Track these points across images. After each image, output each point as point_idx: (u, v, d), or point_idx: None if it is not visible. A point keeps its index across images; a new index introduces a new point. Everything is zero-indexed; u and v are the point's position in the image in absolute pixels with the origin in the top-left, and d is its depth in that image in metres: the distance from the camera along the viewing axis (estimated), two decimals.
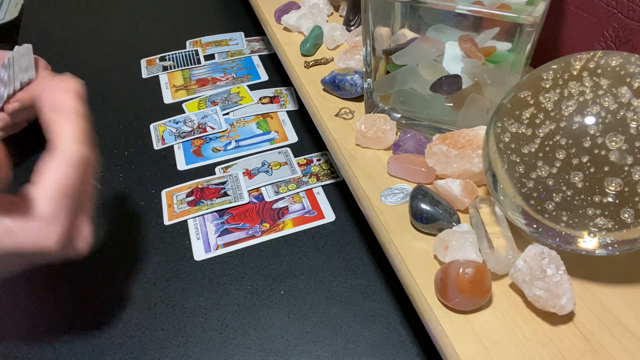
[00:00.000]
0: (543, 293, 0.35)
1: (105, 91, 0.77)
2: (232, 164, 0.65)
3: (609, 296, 0.37)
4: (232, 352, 0.46)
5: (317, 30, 0.64)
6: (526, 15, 0.39)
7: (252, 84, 0.77)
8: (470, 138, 0.44)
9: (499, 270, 0.38)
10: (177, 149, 0.67)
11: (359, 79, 0.55)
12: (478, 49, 0.45)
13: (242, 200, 0.59)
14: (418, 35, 0.48)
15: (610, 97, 0.33)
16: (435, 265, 0.40)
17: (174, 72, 0.80)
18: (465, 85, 0.47)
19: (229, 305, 0.50)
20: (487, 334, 0.36)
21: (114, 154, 0.67)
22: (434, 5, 0.43)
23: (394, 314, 0.48)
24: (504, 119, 0.37)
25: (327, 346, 0.46)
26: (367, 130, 0.49)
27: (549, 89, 0.36)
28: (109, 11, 0.97)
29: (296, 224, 0.57)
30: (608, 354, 0.34)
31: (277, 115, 0.72)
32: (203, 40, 0.87)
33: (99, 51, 0.86)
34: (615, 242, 0.35)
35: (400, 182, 0.47)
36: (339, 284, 0.51)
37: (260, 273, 0.52)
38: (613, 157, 0.33)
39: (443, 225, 0.42)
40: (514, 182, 0.36)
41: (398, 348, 0.46)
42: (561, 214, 0.35)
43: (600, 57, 0.35)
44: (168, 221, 0.58)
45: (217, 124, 0.70)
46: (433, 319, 0.37)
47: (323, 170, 0.63)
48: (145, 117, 0.72)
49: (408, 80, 0.49)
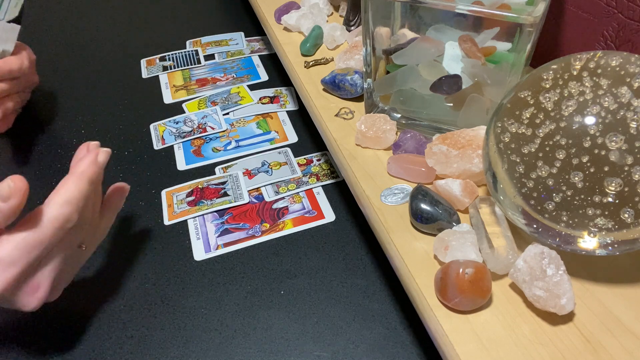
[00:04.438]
0: (543, 293, 0.35)
1: (105, 91, 0.77)
2: (232, 164, 0.65)
3: (609, 296, 0.37)
4: (232, 352, 0.46)
5: (317, 30, 0.64)
6: (526, 15, 0.39)
7: (252, 84, 0.77)
8: (470, 138, 0.44)
9: (499, 270, 0.38)
10: (177, 149, 0.67)
11: (359, 79, 0.55)
12: (478, 49, 0.45)
13: (242, 200, 0.59)
14: (418, 35, 0.48)
15: (610, 97, 0.33)
16: (435, 265, 0.40)
17: (174, 72, 0.80)
18: (465, 85, 0.47)
19: (229, 305, 0.50)
20: (487, 334, 0.36)
21: (114, 154, 0.66)
22: (434, 5, 0.43)
23: (394, 314, 0.48)
24: (504, 119, 0.37)
25: (327, 346, 0.46)
26: (367, 130, 0.49)
27: (549, 89, 0.36)
28: (109, 11, 0.97)
29: (296, 224, 0.57)
30: (608, 354, 0.34)
31: (277, 115, 0.72)
32: (203, 40, 0.87)
33: (99, 51, 0.86)
34: (615, 242, 0.35)
35: (400, 182, 0.47)
36: (339, 284, 0.51)
37: (260, 273, 0.52)
38: (613, 157, 0.33)
39: (443, 225, 0.42)
40: (514, 182, 0.36)
41: (398, 348, 0.46)
42: (561, 214, 0.35)
43: (600, 57, 0.35)
44: (168, 221, 0.58)
45: (217, 124, 0.70)
46: (433, 319, 0.37)
47: (323, 170, 0.63)
48: (145, 117, 0.72)
49: (408, 80, 0.49)
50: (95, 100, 0.75)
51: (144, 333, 0.47)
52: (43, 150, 0.68)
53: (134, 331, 0.48)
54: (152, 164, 0.65)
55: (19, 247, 0.38)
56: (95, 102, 0.75)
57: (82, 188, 0.42)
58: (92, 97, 0.76)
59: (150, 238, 0.56)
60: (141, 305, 0.50)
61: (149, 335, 0.47)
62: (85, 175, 0.43)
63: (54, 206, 0.40)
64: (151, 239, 0.56)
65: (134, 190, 0.61)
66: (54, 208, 0.40)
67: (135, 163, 0.65)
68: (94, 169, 0.44)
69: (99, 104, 0.75)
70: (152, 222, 0.57)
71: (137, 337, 0.47)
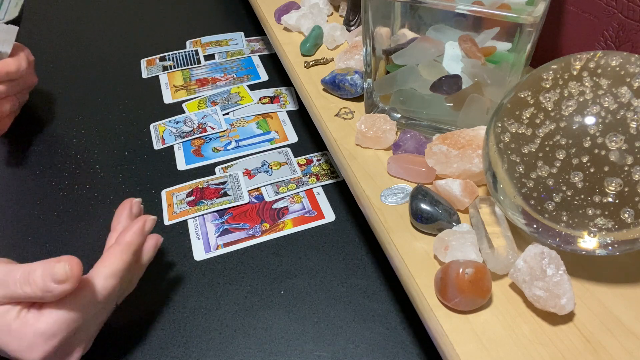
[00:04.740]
0: (543, 293, 0.35)
1: (105, 91, 0.77)
2: (232, 164, 0.65)
3: (609, 296, 0.37)
4: (232, 352, 0.46)
5: (317, 30, 0.64)
6: (526, 15, 0.39)
7: (252, 84, 0.77)
8: (470, 138, 0.44)
9: (499, 270, 0.38)
10: (177, 149, 0.67)
11: (359, 79, 0.55)
12: (478, 49, 0.45)
13: (242, 200, 0.59)
14: (418, 35, 0.48)
15: (610, 97, 0.33)
16: (435, 265, 0.40)
17: (174, 72, 0.80)
18: (465, 85, 0.47)
19: (229, 305, 0.50)
20: (487, 334, 0.36)
21: (114, 154, 0.67)
22: (434, 5, 0.43)
23: (394, 314, 0.48)
24: (504, 119, 0.37)
25: (327, 346, 0.46)
26: (367, 130, 0.49)
27: (549, 89, 0.36)
28: (109, 11, 0.97)
29: (296, 224, 0.57)
30: (608, 354, 0.34)
31: (277, 115, 0.72)
32: (203, 40, 0.87)
33: (99, 51, 0.86)
34: (615, 242, 0.35)
35: (400, 182, 0.47)
36: (339, 284, 0.51)
37: (260, 273, 0.52)
38: (613, 157, 0.33)
39: (443, 225, 0.42)
40: (514, 182, 0.36)
41: (398, 348, 0.46)
42: (561, 214, 0.35)
43: (600, 57, 0.35)
44: (168, 221, 0.58)
45: (217, 124, 0.70)
46: (433, 319, 0.37)
47: (323, 170, 0.63)
48: (145, 117, 0.72)
49: (408, 80, 0.49)
50: (95, 100, 0.75)
51: (144, 333, 0.47)
52: (43, 150, 0.68)
53: (134, 331, 0.48)
54: (152, 164, 0.65)
55: (62, 321, 0.38)
56: (95, 102, 0.75)
57: (128, 259, 0.43)
58: (92, 97, 0.76)
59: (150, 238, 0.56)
60: (141, 306, 0.50)
61: (149, 335, 0.47)
62: (132, 247, 0.43)
63: (100, 278, 0.41)
64: None
65: (134, 190, 0.62)
66: (100, 281, 0.41)
67: (135, 163, 0.65)
68: (140, 240, 0.44)
69: (99, 104, 0.75)
70: None
71: (137, 337, 0.47)
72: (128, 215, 0.48)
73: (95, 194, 0.61)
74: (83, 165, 0.65)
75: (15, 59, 0.61)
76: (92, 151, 0.67)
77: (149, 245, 0.47)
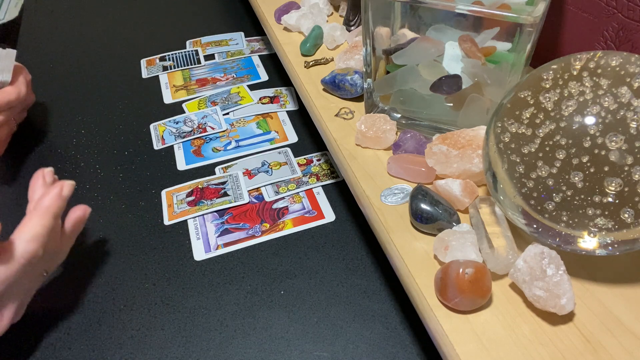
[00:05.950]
0: (543, 293, 0.35)
1: (106, 91, 0.77)
2: (232, 164, 0.65)
3: (609, 296, 0.37)
4: (232, 352, 0.46)
5: (317, 30, 0.64)
6: (526, 15, 0.39)
7: (252, 84, 0.77)
8: (470, 138, 0.44)
9: (499, 270, 0.38)
10: (177, 149, 0.67)
11: (359, 79, 0.55)
12: (478, 49, 0.45)
13: (242, 200, 0.59)
14: (418, 35, 0.48)
15: (610, 97, 0.33)
16: (435, 265, 0.40)
17: (174, 72, 0.80)
18: (465, 85, 0.47)
19: (229, 305, 0.50)
20: (487, 334, 0.36)
21: (114, 154, 0.67)
22: (434, 5, 0.43)
23: (394, 314, 0.48)
24: (504, 119, 0.37)
25: (327, 346, 0.46)
26: (367, 130, 0.49)
27: (549, 89, 0.36)
28: (109, 11, 0.97)
29: (296, 224, 0.57)
30: (608, 354, 0.34)
31: (277, 115, 0.72)
32: (203, 40, 0.87)
33: (99, 51, 0.86)
34: (615, 242, 0.35)
35: (400, 182, 0.47)
36: (339, 284, 0.51)
37: (260, 273, 0.52)
38: (613, 157, 0.33)
39: (443, 225, 0.42)
40: (514, 182, 0.36)
41: (398, 348, 0.46)
42: (561, 214, 0.35)
43: (600, 57, 0.35)
44: (168, 221, 0.58)
45: (217, 124, 0.70)
46: (433, 319, 0.37)
47: (323, 170, 0.63)
48: (145, 117, 0.72)
49: (408, 80, 0.49)
50: (96, 100, 0.75)
51: (144, 333, 0.47)
52: (43, 150, 0.68)
53: (134, 331, 0.48)
54: (152, 164, 0.65)
55: None
56: (95, 102, 0.75)
57: (48, 224, 0.43)
58: (92, 97, 0.76)
59: (150, 238, 0.56)
60: (141, 305, 0.50)
61: (149, 335, 0.47)
62: (51, 211, 0.43)
63: (20, 243, 0.41)
64: (151, 239, 0.56)
65: (134, 190, 0.62)
66: (21, 245, 0.41)
67: (135, 163, 0.65)
68: (59, 203, 0.44)
69: (99, 104, 0.75)
70: (152, 222, 0.57)
71: (137, 337, 0.47)
72: (42, 184, 0.48)
73: (95, 194, 0.61)
74: (83, 165, 0.65)
75: (14, 87, 0.60)
76: (92, 151, 0.67)
77: (74, 215, 0.48)
